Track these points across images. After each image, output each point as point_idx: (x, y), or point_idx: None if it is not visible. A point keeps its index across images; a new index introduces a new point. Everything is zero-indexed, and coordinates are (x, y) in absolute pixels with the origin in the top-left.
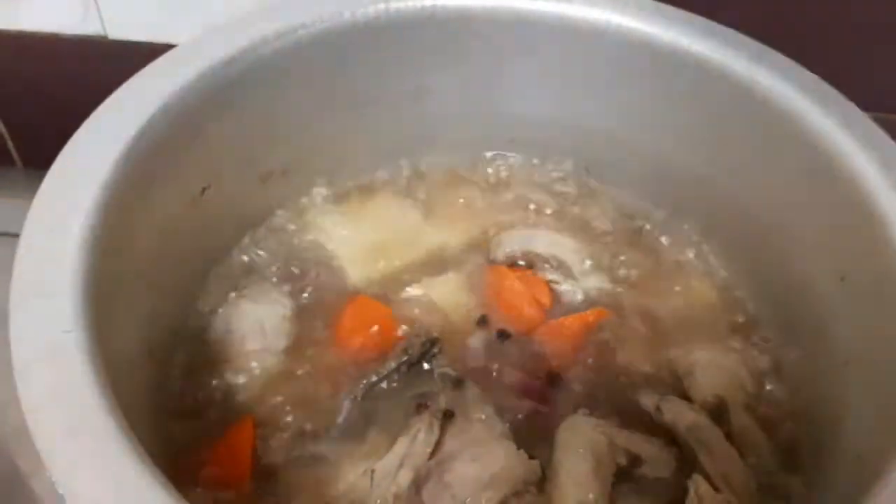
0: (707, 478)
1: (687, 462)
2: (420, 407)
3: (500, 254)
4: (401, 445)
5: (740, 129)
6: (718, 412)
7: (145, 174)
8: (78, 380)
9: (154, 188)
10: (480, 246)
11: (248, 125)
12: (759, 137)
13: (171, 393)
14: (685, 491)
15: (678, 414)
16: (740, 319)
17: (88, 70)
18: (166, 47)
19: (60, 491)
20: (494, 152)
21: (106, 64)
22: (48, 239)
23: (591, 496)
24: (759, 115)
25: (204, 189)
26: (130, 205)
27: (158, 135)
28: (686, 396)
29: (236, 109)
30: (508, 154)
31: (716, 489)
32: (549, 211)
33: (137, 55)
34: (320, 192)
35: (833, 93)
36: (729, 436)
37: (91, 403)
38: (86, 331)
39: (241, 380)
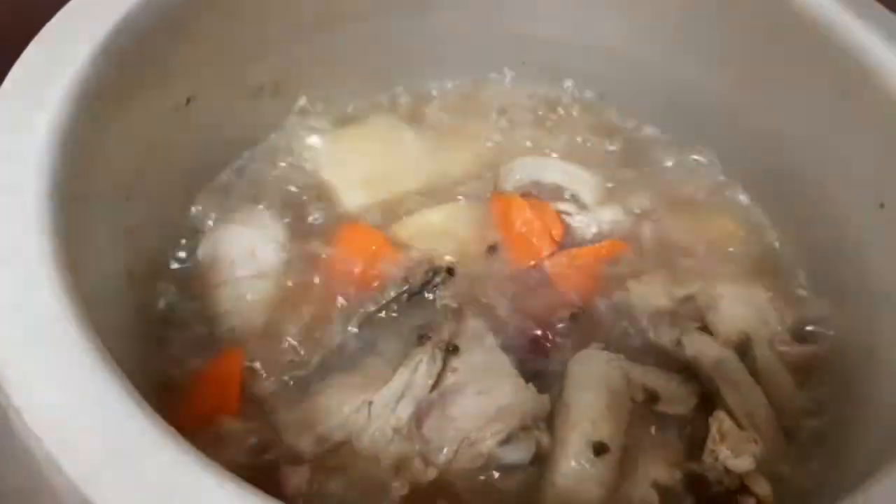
0: (730, 415)
1: (707, 399)
2: (422, 338)
3: (510, 182)
4: (401, 377)
5: (771, 46)
6: (742, 348)
7: (123, 73)
8: (39, 285)
9: (133, 90)
10: (487, 174)
11: (237, 29)
12: (792, 55)
13: (155, 319)
14: (705, 429)
15: (701, 348)
16: (767, 255)
17: None
18: None
19: (15, 403)
20: (503, 75)
21: None
22: (11, 135)
23: (604, 433)
24: (791, 30)
25: (189, 99)
26: (105, 105)
27: (138, 31)
28: (707, 332)
29: (224, 9)
30: (518, 77)
31: (740, 427)
32: (561, 139)
33: None
34: (315, 113)
35: (874, 3)
36: (753, 373)
37: (53, 311)
38: (50, 235)
39: (229, 307)
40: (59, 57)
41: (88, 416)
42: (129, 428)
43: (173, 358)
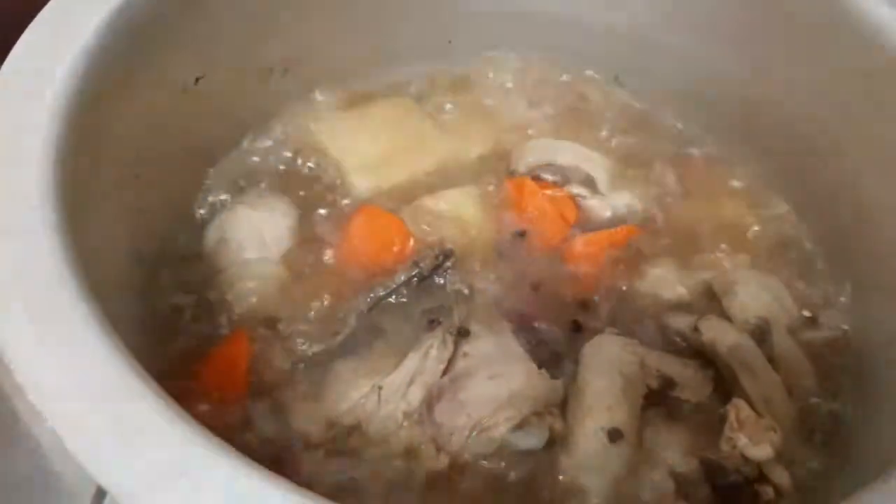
0: (748, 402)
1: (724, 386)
2: (432, 323)
3: (522, 165)
4: (411, 361)
5: (790, 27)
6: (760, 334)
7: (132, 47)
8: (43, 258)
9: (141, 68)
10: (499, 156)
11: (247, 7)
12: (812, 36)
13: (162, 301)
14: (722, 417)
15: (719, 334)
16: (785, 240)
17: None
18: None
19: (19, 380)
20: (515, 56)
21: None
22: (16, 108)
23: (619, 420)
24: (813, 9)
25: (198, 79)
26: (112, 82)
27: (145, 7)
28: (724, 318)
29: None
30: (530, 58)
31: (757, 414)
32: (575, 121)
33: None
34: (325, 94)
35: None
36: (770, 360)
37: (57, 285)
38: (56, 209)
39: (237, 290)
40: (65, 31)
41: (94, 394)
42: (135, 406)
43: (180, 341)
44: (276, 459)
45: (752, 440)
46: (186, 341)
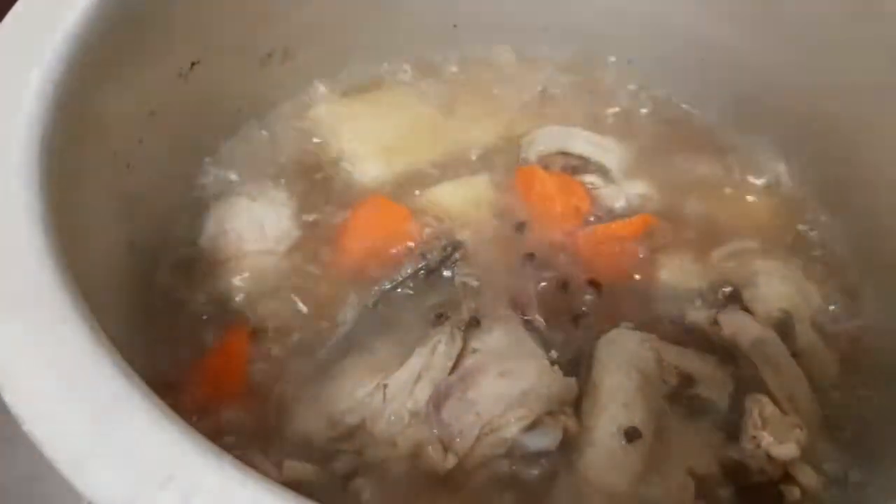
0: (772, 399)
1: (746, 382)
2: (440, 317)
3: (533, 153)
4: (418, 358)
5: (813, 6)
6: (783, 328)
7: (123, 30)
8: (24, 251)
9: (132, 52)
10: (509, 144)
11: None
12: (833, 13)
13: (157, 295)
14: (744, 414)
15: (740, 327)
16: (806, 230)
17: None
18: None
19: None
20: (524, 41)
21: None
22: (1, 89)
23: (637, 419)
24: None
25: (193, 64)
26: (103, 65)
27: None
28: (745, 311)
29: None
30: (540, 44)
31: (781, 411)
32: (586, 108)
33: None
34: (328, 80)
35: None
36: (793, 355)
37: (39, 280)
38: (40, 199)
39: (236, 283)
40: (52, 12)
41: (75, 396)
42: (121, 408)
43: (175, 336)
44: (274, 460)
45: (777, 438)
46: (182, 337)
